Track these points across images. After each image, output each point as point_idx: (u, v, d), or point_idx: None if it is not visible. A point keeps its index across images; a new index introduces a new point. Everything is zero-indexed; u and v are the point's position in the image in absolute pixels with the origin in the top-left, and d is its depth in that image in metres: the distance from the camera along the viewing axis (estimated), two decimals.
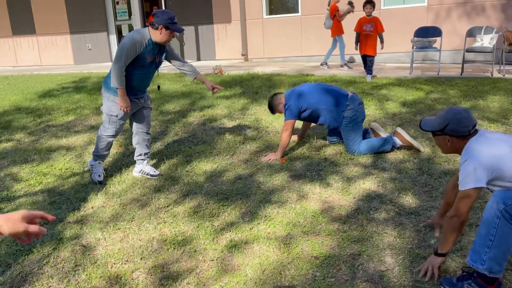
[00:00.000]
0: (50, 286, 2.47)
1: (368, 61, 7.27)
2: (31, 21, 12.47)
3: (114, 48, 12.24)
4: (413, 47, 7.77)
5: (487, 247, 2.05)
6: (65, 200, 3.58)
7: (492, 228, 2.03)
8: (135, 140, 3.96)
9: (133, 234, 2.97)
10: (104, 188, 3.75)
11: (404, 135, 4.09)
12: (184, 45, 11.56)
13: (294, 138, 4.63)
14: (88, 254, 2.76)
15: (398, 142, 4.10)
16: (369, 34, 7.22)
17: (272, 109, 4.38)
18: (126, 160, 4.36)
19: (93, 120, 5.80)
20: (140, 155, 3.97)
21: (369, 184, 3.50)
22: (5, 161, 4.49)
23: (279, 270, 2.46)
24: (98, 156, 3.90)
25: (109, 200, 3.52)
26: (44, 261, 2.72)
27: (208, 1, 10.96)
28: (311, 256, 2.58)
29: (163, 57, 3.73)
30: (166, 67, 10.14)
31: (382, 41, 7.35)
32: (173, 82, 7.91)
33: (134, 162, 4.23)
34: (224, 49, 11.24)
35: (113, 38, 12.16)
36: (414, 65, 8.04)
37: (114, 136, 3.82)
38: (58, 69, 11.35)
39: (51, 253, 2.80)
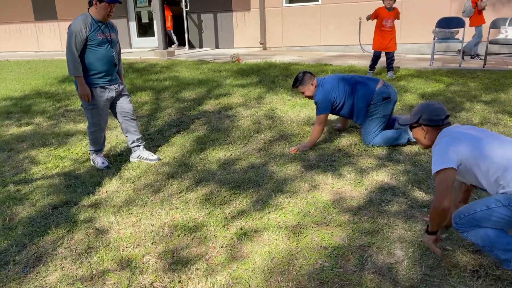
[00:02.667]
0: (63, 267, 2.53)
1: (389, 58, 6.78)
2: (52, 7, 12.62)
3: (134, 35, 12.32)
4: (434, 38, 7.60)
5: None
6: (81, 184, 3.65)
7: None
8: (123, 129, 3.98)
9: (145, 219, 3.01)
10: (118, 173, 3.80)
11: None
12: (202, 33, 11.56)
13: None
14: (101, 237, 2.82)
15: None
16: (388, 29, 6.67)
17: (300, 83, 4.13)
18: None
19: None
20: (134, 142, 4.00)
21: (382, 176, 3.46)
22: (24, 144, 4.59)
23: (287, 259, 2.47)
24: (95, 151, 3.95)
25: (123, 185, 3.57)
26: (59, 243, 2.78)
27: None
28: (320, 246, 2.57)
29: (116, 38, 3.75)
30: (183, 54, 10.17)
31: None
32: (190, 69, 7.93)
33: (148, 149, 4.28)
34: (242, 37, 11.19)
35: (133, 24, 12.23)
36: (435, 56, 7.86)
37: (102, 129, 3.85)
38: None
39: (65, 235, 2.87)
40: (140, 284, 2.34)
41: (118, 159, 4.12)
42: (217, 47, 11.53)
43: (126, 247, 2.69)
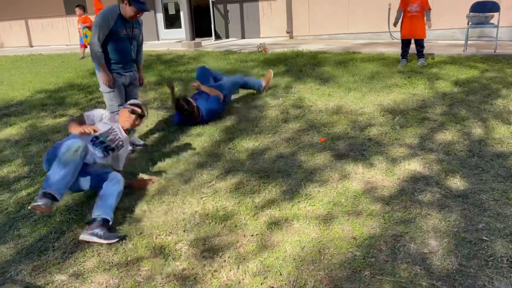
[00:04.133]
0: (99, 253, 2.61)
1: (418, 45, 6.53)
2: (83, 1, 12.88)
3: (161, 26, 12.43)
4: (468, 23, 7.33)
5: None
6: None
7: None
8: None
9: (177, 208, 3.07)
10: (151, 163, 3.87)
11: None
12: (228, 23, 11.55)
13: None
14: (135, 225, 2.89)
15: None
16: (415, 15, 6.37)
17: None
18: (171, 137, 4.47)
19: (140, 98, 5.96)
20: None
21: (414, 165, 3.39)
22: (59, 135, 4.73)
23: (318, 248, 2.47)
24: None
25: (155, 174, 3.63)
26: None
27: None
28: (351, 237, 2.56)
29: (139, 32, 3.98)
30: (210, 45, 10.20)
31: (428, 20, 6.43)
32: (217, 60, 7.96)
33: (177, 139, 4.34)
34: (268, 26, 11.12)
35: (160, 16, 12.34)
36: (469, 42, 7.59)
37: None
38: None
39: None
40: (173, 271, 2.39)
41: (149, 150, 4.20)
42: (243, 37, 11.50)
43: (159, 235, 2.75)
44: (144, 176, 3.59)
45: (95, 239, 2.67)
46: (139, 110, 3.35)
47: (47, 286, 2.36)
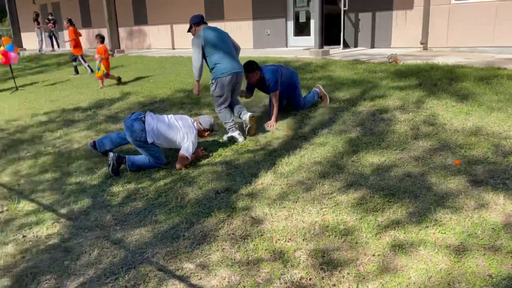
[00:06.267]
0: (223, 248, 2.77)
1: None
2: (221, 9, 13.83)
3: (290, 34, 12.73)
4: None
5: None
6: (239, 174, 3.94)
7: None
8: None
9: (297, 215, 3.11)
10: (273, 168, 3.99)
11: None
12: (358, 32, 11.33)
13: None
14: (256, 226, 3.00)
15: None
16: None
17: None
18: (294, 143, 4.54)
19: (265, 103, 6.18)
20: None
21: None
22: None
23: (447, 280, 2.28)
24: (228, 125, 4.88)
25: (277, 179, 3.73)
26: (220, 225, 3.06)
27: None
28: (487, 274, 2.31)
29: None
30: (337, 53, 10.13)
31: None
32: (344, 69, 7.86)
33: (300, 146, 4.40)
34: (401, 36, 10.63)
35: (290, 24, 12.64)
36: None
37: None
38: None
39: (225, 219, 3.14)
40: (291, 278, 2.42)
41: (273, 155, 4.32)
42: (372, 46, 11.17)
43: (279, 240, 2.81)
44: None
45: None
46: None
47: (177, 271, 2.58)
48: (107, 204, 3.60)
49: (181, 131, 4.19)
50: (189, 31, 4.90)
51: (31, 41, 19.95)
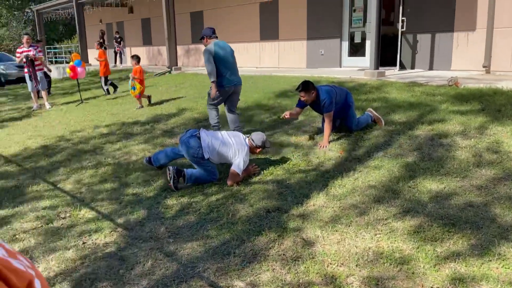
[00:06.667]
0: (274, 269, 2.75)
1: None
2: (276, 28, 14.04)
3: (345, 54, 12.66)
4: None
5: None
6: (291, 193, 3.92)
7: None
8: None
9: (349, 239, 3.03)
10: (325, 189, 3.94)
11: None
12: (416, 53, 11.06)
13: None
14: (308, 248, 2.96)
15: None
16: None
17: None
18: (348, 165, 4.47)
19: (318, 122, 6.14)
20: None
21: None
22: None
23: None
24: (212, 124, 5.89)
25: (329, 201, 3.68)
26: (270, 245, 3.04)
27: (451, 7, 10.15)
28: None
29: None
30: (393, 75, 9.92)
31: None
32: (401, 91, 7.67)
33: (354, 169, 4.31)
34: (462, 59, 10.24)
35: (345, 44, 12.58)
36: None
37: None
38: (292, 71, 12.46)
39: (276, 239, 3.12)
40: None
41: (326, 176, 4.27)
42: (431, 68, 10.84)
43: (331, 264, 2.75)
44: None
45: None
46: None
47: None
48: (161, 216, 3.70)
49: (233, 147, 4.25)
50: (200, 39, 5.90)
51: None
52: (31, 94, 10.58)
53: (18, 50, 10.16)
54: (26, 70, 9.98)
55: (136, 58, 8.89)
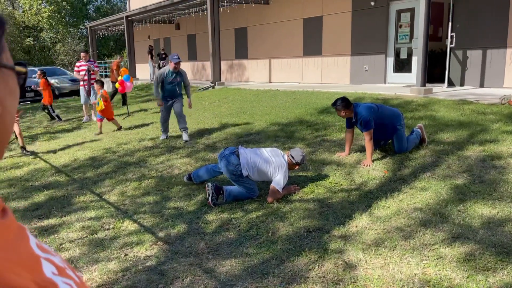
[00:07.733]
0: None
1: None
2: (319, 44, 14.00)
3: (390, 70, 12.40)
4: None
5: None
6: (332, 213, 3.83)
7: None
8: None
9: (393, 264, 2.91)
10: (369, 210, 3.81)
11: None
12: (466, 70, 10.64)
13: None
14: (349, 272, 2.86)
15: None
16: None
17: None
18: (393, 186, 4.32)
19: (361, 140, 6.00)
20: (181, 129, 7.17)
21: None
22: None
23: None
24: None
25: (372, 223, 3.56)
26: (310, 266, 2.97)
27: (504, 22, 9.73)
28: None
29: (181, 78, 7.09)
30: (441, 92, 9.58)
31: None
32: (449, 109, 7.39)
33: (399, 189, 4.16)
34: None
35: (390, 60, 12.32)
36: None
37: (165, 120, 7.35)
38: (335, 87, 12.34)
39: (316, 260, 3.04)
40: None
41: (369, 196, 4.15)
42: (481, 86, 10.39)
43: None
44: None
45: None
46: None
47: None
48: (201, 231, 3.72)
49: (273, 164, 4.23)
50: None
51: (144, 72, 22.03)
52: (82, 107, 11.09)
53: (76, 64, 10.72)
54: (82, 83, 10.46)
55: (101, 83, 8.82)
